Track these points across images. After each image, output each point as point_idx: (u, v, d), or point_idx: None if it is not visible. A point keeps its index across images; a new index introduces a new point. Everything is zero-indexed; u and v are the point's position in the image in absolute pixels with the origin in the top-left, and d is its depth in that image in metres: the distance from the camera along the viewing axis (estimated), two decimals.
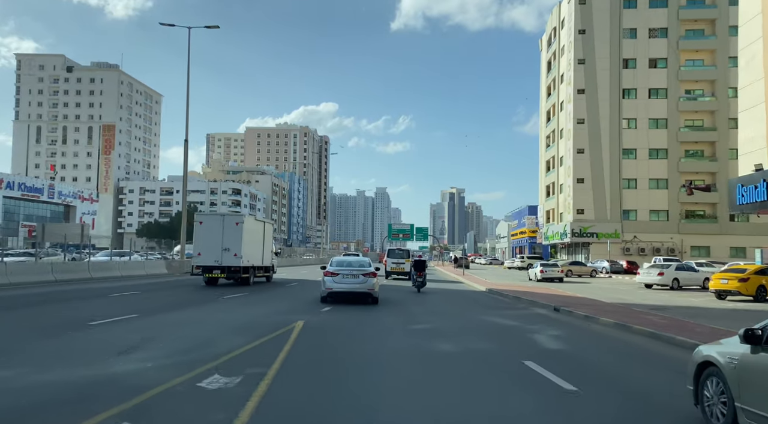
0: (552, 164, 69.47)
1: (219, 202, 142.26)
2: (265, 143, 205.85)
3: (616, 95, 60.42)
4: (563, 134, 64.49)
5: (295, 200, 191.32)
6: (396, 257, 35.52)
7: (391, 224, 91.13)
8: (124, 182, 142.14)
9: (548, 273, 37.09)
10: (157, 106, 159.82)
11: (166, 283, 26.75)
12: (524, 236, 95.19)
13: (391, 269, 34.76)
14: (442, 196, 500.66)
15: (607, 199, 60.34)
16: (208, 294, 20.74)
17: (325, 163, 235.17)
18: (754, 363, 4.81)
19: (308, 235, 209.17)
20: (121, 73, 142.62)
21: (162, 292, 21.44)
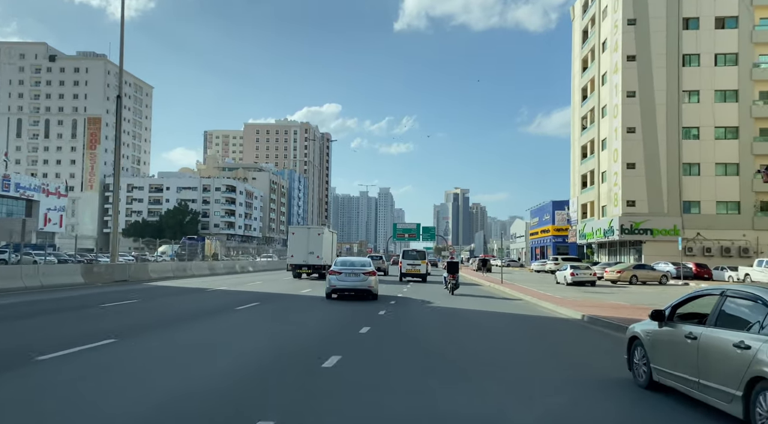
0: (590, 149, 58.13)
1: (212, 199, 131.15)
2: (264, 140, 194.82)
3: (674, 62, 49.10)
4: (606, 112, 53.19)
5: (295, 199, 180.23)
6: (411, 259, 33.45)
7: (396, 224, 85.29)
8: (111, 179, 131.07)
9: (579, 276, 32.98)
10: (147, 98, 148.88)
11: (55, 301, 16.15)
12: (547, 235, 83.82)
13: (407, 271, 32.82)
14: (446, 197, 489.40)
15: (663, 189, 48.98)
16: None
17: (327, 161, 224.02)
18: (659, 335, 6.76)
19: None
20: (107, 62, 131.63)
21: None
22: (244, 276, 36.98)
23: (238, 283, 28.27)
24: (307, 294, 21.51)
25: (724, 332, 5.59)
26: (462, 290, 24.15)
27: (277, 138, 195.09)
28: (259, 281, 30.98)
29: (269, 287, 25.99)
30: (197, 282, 27.89)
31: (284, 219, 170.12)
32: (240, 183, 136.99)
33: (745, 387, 5.03)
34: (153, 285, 25.12)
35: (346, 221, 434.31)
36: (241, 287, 25.41)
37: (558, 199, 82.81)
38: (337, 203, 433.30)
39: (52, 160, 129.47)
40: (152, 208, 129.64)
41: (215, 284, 26.32)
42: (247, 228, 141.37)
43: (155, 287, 24.09)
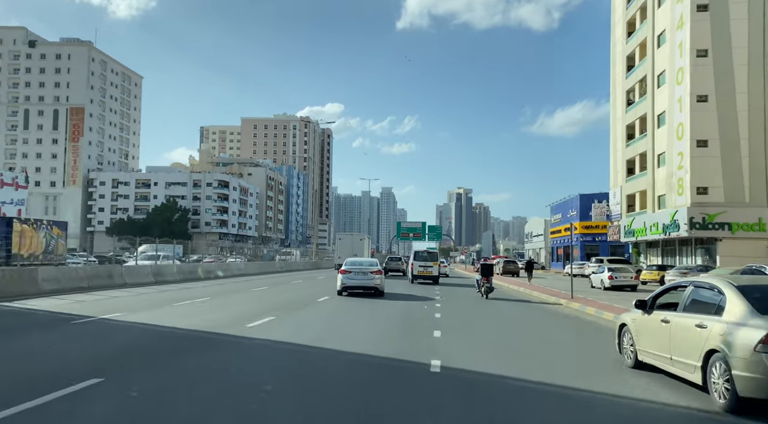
0: (640, 128, 47.32)
1: (203, 196, 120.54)
2: (262, 135, 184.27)
3: (758, 13, 38.47)
4: (665, 79, 42.44)
5: (293, 197, 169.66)
6: (422, 260, 32.19)
7: (400, 223, 79.78)
8: (95, 173, 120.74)
9: (619, 279, 30.30)
10: (136, 89, 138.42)
11: None
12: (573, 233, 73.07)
13: (418, 273, 31.61)
14: (449, 197, 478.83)
15: (744, 172, 38.29)
16: None
17: (328, 158, 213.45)
18: (642, 321, 8.01)
19: (309, 235, 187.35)
20: (91, 48, 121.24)
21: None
22: (218, 285, 26.62)
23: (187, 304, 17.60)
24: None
25: (689, 315, 6.92)
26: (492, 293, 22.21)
27: (276, 133, 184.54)
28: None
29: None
30: (119, 300, 17.67)
31: (282, 218, 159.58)
32: (234, 178, 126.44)
33: (702, 359, 6.33)
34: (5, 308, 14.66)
35: (348, 221, 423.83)
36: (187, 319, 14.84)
37: (586, 193, 72.15)
38: (338, 203, 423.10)
39: (31, 153, 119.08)
40: (139, 205, 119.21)
41: (136, 304, 16.30)
42: (242, 227, 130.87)
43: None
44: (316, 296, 20.30)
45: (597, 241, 69.30)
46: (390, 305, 17.75)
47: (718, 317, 6.29)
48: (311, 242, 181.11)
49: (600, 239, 69.02)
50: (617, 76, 52.91)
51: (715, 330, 6.17)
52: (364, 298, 19.74)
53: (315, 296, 20.73)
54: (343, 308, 17.00)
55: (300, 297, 20.56)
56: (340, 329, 12.61)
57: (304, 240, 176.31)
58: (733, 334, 5.93)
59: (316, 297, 19.93)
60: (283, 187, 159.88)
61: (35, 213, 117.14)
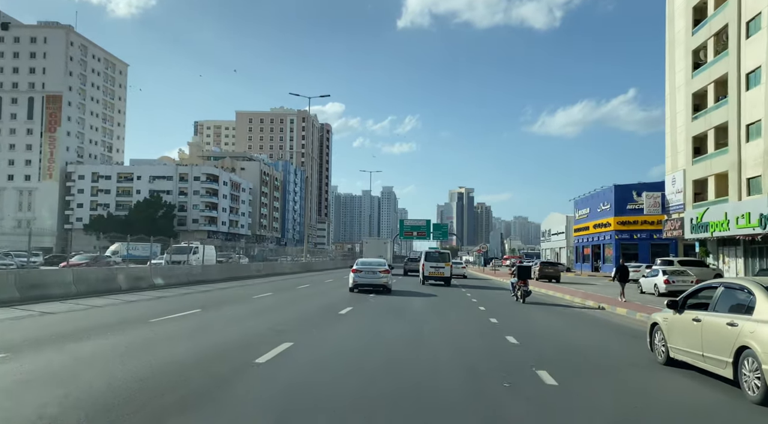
0: (717, 93, 36.68)
1: (190, 191, 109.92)
2: (258, 129, 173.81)
3: None
4: (758, 25, 31.86)
5: (290, 194, 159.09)
6: (434, 261, 30.27)
7: (403, 220, 75.07)
8: (73, 167, 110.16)
9: (677, 284, 24.72)
10: (121, 77, 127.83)
11: None
12: (606, 230, 62.63)
13: (429, 274, 29.92)
14: (450, 196, 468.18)
15: None
16: None
17: (327, 154, 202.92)
18: (674, 321, 8.36)
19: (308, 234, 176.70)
20: (70, 32, 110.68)
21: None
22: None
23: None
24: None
25: (720, 315, 7.26)
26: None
27: (272, 127, 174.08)
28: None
29: None
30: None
31: (278, 215, 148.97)
32: (224, 172, 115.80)
33: (734, 355, 6.67)
34: None
35: (348, 221, 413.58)
36: None
37: (620, 183, 61.67)
38: (338, 202, 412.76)
39: (4, 144, 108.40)
40: (121, 200, 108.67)
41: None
42: (233, 224, 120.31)
43: None
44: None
45: (636, 238, 58.79)
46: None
47: (749, 315, 6.66)
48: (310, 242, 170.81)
49: (640, 236, 58.57)
50: (677, 35, 42.21)
51: (746, 328, 6.53)
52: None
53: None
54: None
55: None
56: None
57: (301, 239, 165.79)
58: (763, 331, 6.26)
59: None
60: (279, 183, 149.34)
61: (8, 209, 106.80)
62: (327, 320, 13.33)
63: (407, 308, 17.28)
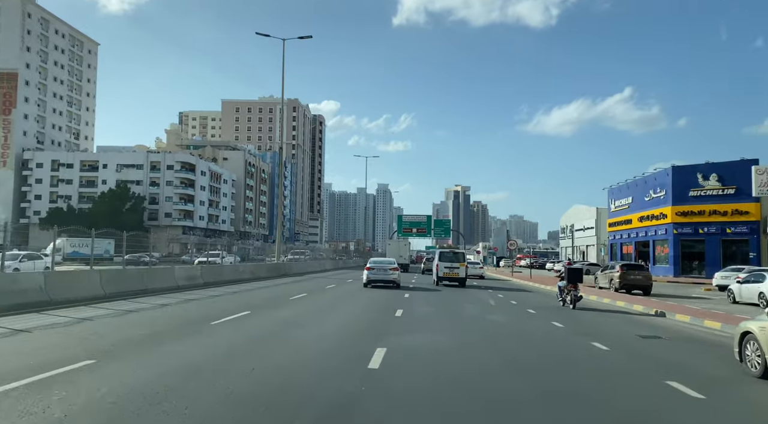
0: None
1: (162, 181, 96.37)
2: (245, 119, 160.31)
3: None
4: None
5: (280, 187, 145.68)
6: (448, 261, 28.63)
7: (401, 216, 70.22)
8: (31, 153, 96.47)
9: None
10: (90, 57, 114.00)
11: None
12: (658, 223, 49.71)
13: (444, 275, 28.20)
14: (447, 195, 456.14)
15: None
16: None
17: (320, 147, 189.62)
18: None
19: (298, 231, 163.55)
20: (27, 2, 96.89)
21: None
22: None
23: None
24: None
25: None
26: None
27: (261, 117, 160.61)
28: None
29: None
30: None
31: (265, 211, 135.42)
32: (202, 161, 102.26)
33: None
34: None
35: (343, 219, 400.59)
36: None
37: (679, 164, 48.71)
38: (333, 200, 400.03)
39: None
40: (85, 191, 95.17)
41: None
42: (213, 219, 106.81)
43: None
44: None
45: (702, 233, 45.79)
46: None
47: None
48: (300, 239, 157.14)
49: (708, 230, 45.61)
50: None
51: None
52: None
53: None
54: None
55: None
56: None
57: (292, 237, 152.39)
58: None
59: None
60: (267, 176, 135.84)
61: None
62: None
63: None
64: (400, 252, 51.16)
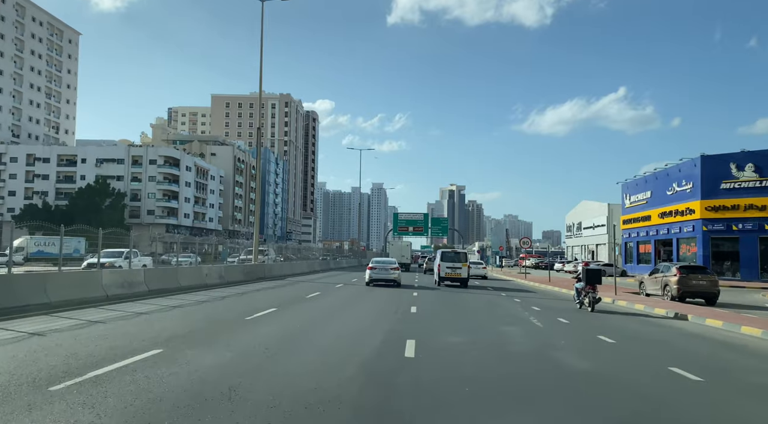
0: None
1: (144, 176, 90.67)
2: (236, 114, 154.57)
3: None
4: None
5: (271, 185, 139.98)
6: (450, 261, 27.80)
7: (397, 214, 67.72)
8: (4, 147, 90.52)
9: None
10: (71, 47, 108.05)
11: None
12: (682, 220, 44.62)
13: (446, 275, 27.46)
14: (441, 194, 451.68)
15: None
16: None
17: (313, 144, 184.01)
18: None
19: (290, 230, 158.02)
20: None
21: None
22: None
23: None
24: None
25: None
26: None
27: (251, 113, 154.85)
28: None
29: None
30: None
31: (254, 208, 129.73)
32: (187, 156, 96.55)
33: None
34: None
35: (337, 218, 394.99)
36: None
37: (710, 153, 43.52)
38: (327, 200, 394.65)
39: None
40: (63, 187, 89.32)
41: None
42: (199, 217, 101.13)
43: None
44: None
45: (737, 230, 40.73)
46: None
47: None
48: (293, 238, 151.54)
49: (743, 226, 40.57)
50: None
51: None
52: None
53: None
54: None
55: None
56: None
57: (283, 236, 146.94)
58: None
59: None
60: (256, 172, 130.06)
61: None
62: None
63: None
64: (402, 252, 53.80)
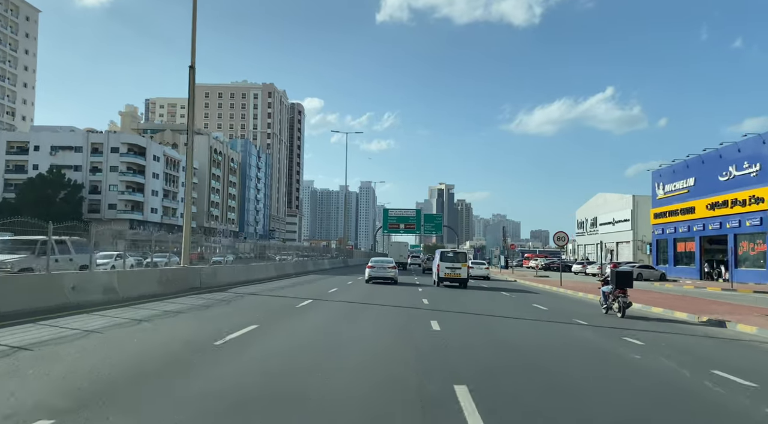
0: None
1: (105, 166, 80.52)
2: (216, 105, 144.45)
3: None
4: None
5: (252, 179, 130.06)
6: (450, 261, 26.92)
7: (387, 210, 64.22)
8: None
9: None
10: (29, 25, 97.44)
11: None
12: (742, 211, 35.76)
13: (445, 275, 26.52)
14: (431, 193, 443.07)
15: None
16: None
17: (299, 138, 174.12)
18: None
19: (274, 228, 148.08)
20: None
21: None
22: None
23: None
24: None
25: None
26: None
27: (233, 103, 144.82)
28: None
29: None
30: None
31: (234, 204, 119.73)
32: (154, 144, 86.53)
33: None
34: None
35: (325, 217, 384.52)
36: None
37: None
38: (315, 198, 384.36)
39: None
40: (12, 178, 79.02)
41: None
42: (169, 213, 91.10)
43: None
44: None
45: None
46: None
47: None
48: (276, 237, 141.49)
49: None
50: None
51: None
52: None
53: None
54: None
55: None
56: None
57: (266, 234, 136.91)
58: None
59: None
60: (237, 165, 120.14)
61: None
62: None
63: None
64: (400, 252, 57.23)
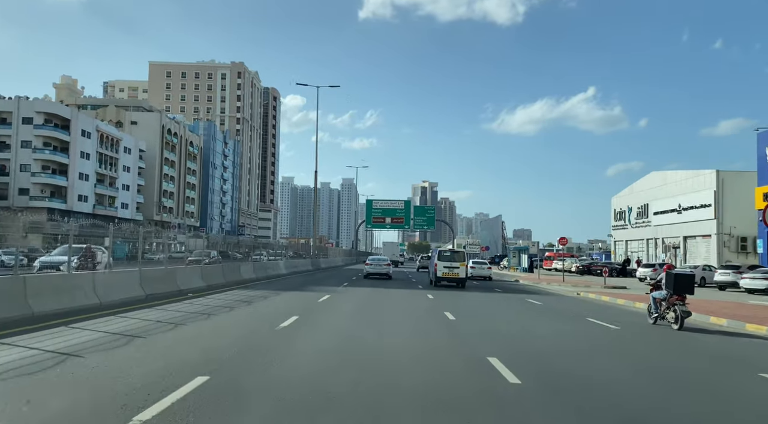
0: None
1: (14, 141, 62.99)
2: (179, 86, 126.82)
3: None
4: None
5: (217, 168, 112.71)
6: (448, 261, 26.06)
7: (371, 201, 57.20)
8: None
9: None
10: None
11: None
12: None
13: (443, 275, 25.71)
14: (414, 191, 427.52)
15: None
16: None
17: (274, 126, 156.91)
18: None
19: (244, 223, 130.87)
20: None
21: None
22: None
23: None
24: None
25: None
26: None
27: (197, 84, 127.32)
28: None
29: None
30: None
31: (194, 194, 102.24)
32: (83, 116, 69.09)
33: None
34: None
35: (306, 215, 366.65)
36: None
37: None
38: (295, 195, 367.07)
39: None
40: None
41: None
42: (105, 201, 73.61)
43: None
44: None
45: None
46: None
47: None
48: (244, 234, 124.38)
49: None
50: None
51: None
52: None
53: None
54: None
55: None
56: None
57: (234, 230, 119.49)
58: None
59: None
60: (198, 150, 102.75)
61: None
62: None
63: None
64: (393, 251, 64.32)
